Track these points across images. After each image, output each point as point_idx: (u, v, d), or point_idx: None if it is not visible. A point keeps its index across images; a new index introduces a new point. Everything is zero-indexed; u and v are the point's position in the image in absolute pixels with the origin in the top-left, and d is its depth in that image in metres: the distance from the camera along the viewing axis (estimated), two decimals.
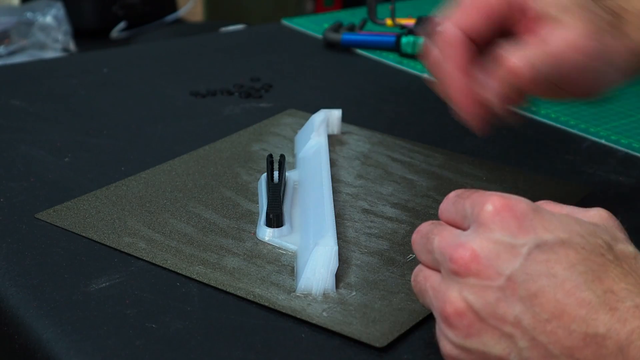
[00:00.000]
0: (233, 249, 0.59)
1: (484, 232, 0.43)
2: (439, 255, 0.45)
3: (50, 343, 0.49)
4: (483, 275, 0.43)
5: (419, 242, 0.48)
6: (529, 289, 0.41)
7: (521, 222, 0.43)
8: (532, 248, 0.42)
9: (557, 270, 0.42)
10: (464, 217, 0.46)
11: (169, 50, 1.07)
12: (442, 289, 0.44)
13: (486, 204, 0.44)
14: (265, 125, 0.80)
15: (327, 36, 1.04)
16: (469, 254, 0.43)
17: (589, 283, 0.41)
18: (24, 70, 0.98)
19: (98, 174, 0.70)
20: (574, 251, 0.42)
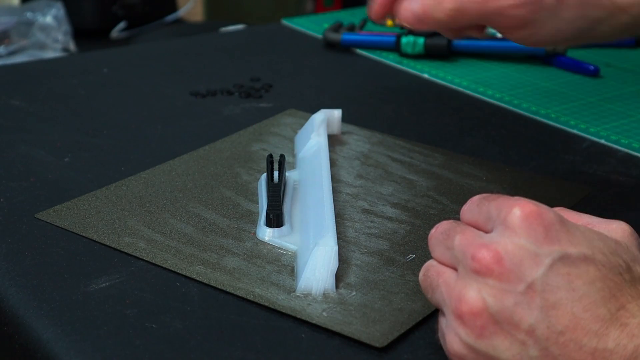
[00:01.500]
0: (233, 249, 0.59)
1: (509, 236, 0.43)
2: (460, 252, 0.45)
3: (50, 343, 0.49)
4: (504, 279, 0.42)
5: (437, 237, 0.47)
6: (548, 299, 0.42)
7: (548, 231, 0.43)
8: (556, 259, 0.42)
9: (577, 284, 0.42)
10: (488, 219, 0.46)
11: (169, 50, 1.07)
12: (458, 286, 0.44)
13: (514, 207, 0.44)
14: (265, 125, 0.80)
15: (327, 36, 1.04)
16: (492, 254, 0.43)
17: (606, 300, 0.42)
18: (24, 70, 0.98)
19: (98, 174, 0.70)
20: (594, 268, 0.42)
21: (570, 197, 0.67)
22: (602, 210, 0.64)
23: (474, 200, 0.48)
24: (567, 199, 0.66)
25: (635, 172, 0.71)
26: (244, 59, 1.02)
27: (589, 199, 0.66)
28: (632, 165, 0.73)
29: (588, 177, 0.70)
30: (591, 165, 0.72)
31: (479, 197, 0.47)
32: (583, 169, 0.72)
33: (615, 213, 0.64)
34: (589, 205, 0.65)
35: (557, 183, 0.69)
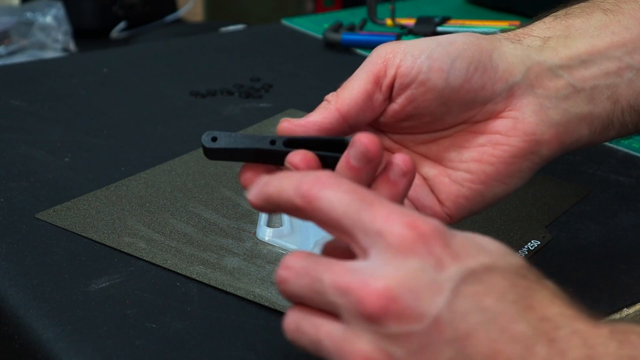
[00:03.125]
0: (233, 249, 0.59)
1: (395, 264, 0.36)
2: (337, 296, 0.37)
3: (50, 343, 0.49)
4: (405, 319, 0.35)
5: (295, 281, 0.38)
6: (458, 329, 0.35)
7: (434, 247, 0.37)
8: (458, 281, 0.36)
9: (487, 303, 0.36)
10: (354, 243, 0.38)
11: (169, 50, 1.07)
12: (347, 340, 0.37)
13: (390, 224, 0.37)
14: (265, 125, 0.80)
15: (327, 36, 1.04)
16: (382, 290, 0.35)
17: (522, 313, 0.36)
18: (24, 70, 0.98)
19: (98, 174, 0.70)
20: (500, 277, 0.37)
21: (570, 197, 0.67)
22: (602, 210, 0.64)
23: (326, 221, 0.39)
24: (566, 199, 0.66)
25: (635, 172, 0.71)
26: (244, 59, 1.02)
27: (589, 199, 0.66)
28: (632, 165, 0.73)
29: (588, 177, 0.70)
30: (591, 165, 0.72)
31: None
32: (583, 169, 0.72)
33: (615, 213, 0.64)
34: (589, 205, 0.65)
35: (557, 183, 0.69)
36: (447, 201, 0.48)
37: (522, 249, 0.59)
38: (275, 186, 0.41)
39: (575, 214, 0.64)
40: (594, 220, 0.63)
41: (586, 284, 0.55)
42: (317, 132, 0.46)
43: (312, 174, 0.40)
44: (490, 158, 0.47)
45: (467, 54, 0.46)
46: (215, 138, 0.46)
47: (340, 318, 0.37)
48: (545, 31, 0.49)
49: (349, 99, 0.46)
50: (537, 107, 0.47)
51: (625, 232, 0.61)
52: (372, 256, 0.37)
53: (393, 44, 0.48)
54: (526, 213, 0.63)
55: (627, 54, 0.48)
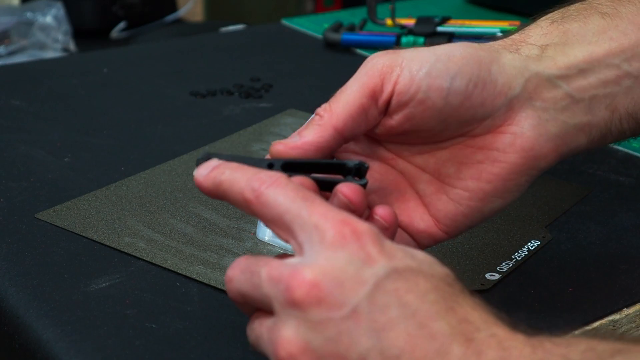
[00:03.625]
0: (233, 249, 0.59)
1: (324, 256, 0.38)
2: (270, 287, 0.39)
3: (50, 343, 0.49)
4: (324, 305, 0.37)
5: (239, 277, 0.41)
6: (377, 321, 0.36)
7: (364, 246, 0.38)
8: (381, 277, 0.37)
9: (409, 299, 0.37)
10: (292, 239, 0.40)
11: (169, 50, 1.07)
12: (275, 329, 0.38)
13: (323, 222, 0.39)
14: (265, 125, 0.80)
15: (327, 36, 1.04)
16: (308, 279, 0.37)
17: (443, 313, 0.37)
18: (24, 70, 0.98)
19: (98, 174, 0.70)
20: (424, 279, 0.38)
21: (570, 197, 0.67)
22: (602, 210, 0.64)
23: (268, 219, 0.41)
24: (567, 199, 0.66)
25: (635, 172, 0.71)
26: (244, 59, 1.02)
27: (589, 199, 0.66)
28: (632, 165, 0.73)
29: (588, 177, 0.70)
30: (591, 165, 0.72)
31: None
32: (583, 169, 0.72)
33: (615, 213, 0.64)
34: (589, 205, 0.65)
35: (557, 183, 0.69)
36: (444, 219, 0.48)
37: (522, 249, 0.59)
38: (229, 176, 0.42)
39: (575, 214, 0.64)
40: (594, 220, 0.63)
41: (586, 284, 0.55)
42: (314, 152, 0.45)
43: (265, 173, 0.42)
44: (489, 176, 0.47)
45: (466, 69, 0.45)
46: (209, 158, 0.45)
47: (274, 312, 0.39)
48: (543, 38, 0.48)
49: (344, 114, 0.45)
50: (536, 121, 0.46)
51: (625, 232, 0.61)
52: (306, 250, 0.39)
53: (390, 56, 0.46)
54: (526, 213, 0.63)
55: (626, 61, 0.48)
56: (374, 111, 0.45)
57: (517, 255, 0.58)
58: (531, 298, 0.53)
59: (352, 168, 0.45)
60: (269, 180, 0.41)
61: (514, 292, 0.54)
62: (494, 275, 0.55)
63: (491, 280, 0.55)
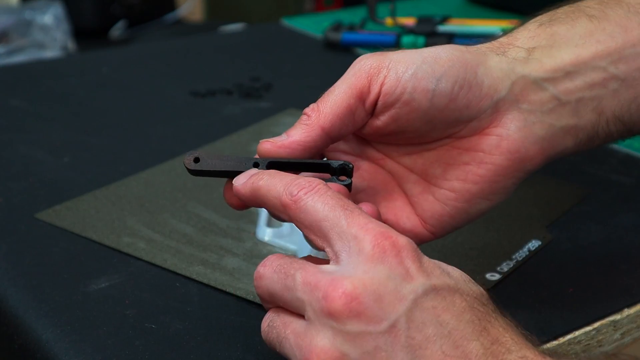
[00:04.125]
0: (233, 249, 0.59)
1: (364, 269, 0.38)
2: (305, 293, 0.39)
3: (50, 343, 0.49)
4: (363, 319, 0.37)
5: (271, 276, 0.41)
6: (414, 338, 0.37)
7: (404, 261, 0.39)
8: (420, 294, 0.38)
9: (445, 318, 0.38)
10: (329, 248, 0.40)
11: (169, 50, 1.07)
12: (307, 336, 0.38)
13: (364, 234, 0.39)
14: (265, 125, 0.80)
15: (327, 36, 1.04)
16: (348, 290, 0.37)
17: (477, 334, 0.38)
18: (24, 70, 0.98)
19: (98, 174, 0.70)
20: (461, 298, 0.39)
21: (570, 197, 0.66)
22: (602, 210, 0.64)
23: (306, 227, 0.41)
24: (567, 199, 0.66)
25: (635, 172, 0.71)
26: (244, 58, 1.02)
27: (589, 199, 0.66)
28: (632, 165, 0.73)
29: (588, 177, 0.70)
30: (591, 165, 0.72)
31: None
32: (583, 169, 0.72)
33: (615, 213, 0.64)
34: (589, 205, 0.65)
35: (557, 183, 0.69)
36: (431, 219, 0.48)
37: (523, 249, 0.58)
38: (267, 181, 0.43)
39: (575, 214, 0.64)
40: (594, 220, 0.63)
41: (586, 284, 0.55)
42: (301, 151, 0.45)
43: (304, 179, 0.42)
44: (475, 177, 0.47)
45: (452, 71, 0.45)
46: (197, 159, 0.45)
47: (305, 317, 0.39)
48: (530, 41, 0.48)
49: (331, 114, 0.45)
50: (522, 123, 0.46)
51: (626, 232, 0.61)
52: (344, 260, 0.39)
53: (377, 57, 0.46)
54: (526, 213, 0.63)
55: (612, 63, 0.47)
56: (361, 112, 0.46)
57: (517, 255, 0.58)
58: (531, 298, 0.53)
59: (337, 168, 0.45)
60: (308, 186, 0.41)
61: (514, 292, 0.54)
62: (494, 276, 0.55)
63: (491, 280, 0.55)
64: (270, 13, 2.27)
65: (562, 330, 0.51)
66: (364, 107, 0.45)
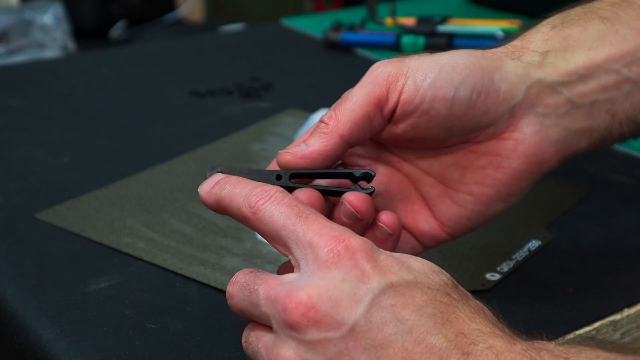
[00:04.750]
0: (233, 249, 0.59)
1: (319, 276, 0.39)
2: (268, 307, 0.39)
3: (50, 343, 0.49)
4: (322, 326, 0.38)
5: (238, 295, 0.42)
6: (374, 339, 0.37)
7: (358, 261, 0.39)
8: (377, 294, 0.38)
9: (405, 314, 0.37)
10: (292, 254, 0.41)
11: (169, 50, 1.07)
12: (275, 348, 0.39)
13: (318, 239, 0.39)
14: (265, 125, 0.80)
15: (327, 36, 1.04)
16: (304, 301, 0.38)
17: (439, 327, 0.37)
18: (24, 70, 0.98)
19: (97, 174, 0.70)
20: (420, 292, 0.38)
21: (570, 197, 0.66)
22: (602, 210, 0.64)
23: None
24: (567, 199, 0.66)
25: (635, 172, 0.71)
26: (244, 58, 1.02)
27: (589, 199, 0.66)
28: (632, 165, 0.73)
29: (588, 177, 0.70)
30: (591, 165, 0.72)
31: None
32: (583, 169, 0.72)
33: (615, 213, 0.64)
34: (589, 205, 0.65)
35: (557, 183, 0.69)
36: (449, 222, 0.48)
37: (523, 249, 0.58)
38: (228, 192, 0.43)
39: (576, 214, 0.64)
40: (594, 220, 0.63)
41: (586, 284, 0.55)
42: (322, 160, 0.45)
43: (261, 187, 0.43)
44: (492, 181, 0.47)
45: (470, 79, 0.45)
46: (220, 173, 0.46)
47: (273, 330, 0.40)
48: (544, 44, 0.48)
49: (350, 122, 0.45)
50: (538, 127, 0.47)
51: (626, 232, 0.61)
52: (302, 268, 0.40)
53: (395, 65, 0.46)
54: (527, 213, 0.63)
55: (625, 66, 0.48)
56: (379, 119, 0.46)
57: (517, 255, 0.58)
58: (531, 298, 0.53)
59: (359, 176, 0.45)
60: (265, 195, 0.42)
61: (514, 292, 0.54)
62: (494, 276, 0.55)
63: (491, 280, 0.55)
64: (270, 13, 2.28)
65: (562, 330, 0.51)
66: (381, 114, 0.46)
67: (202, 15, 2.46)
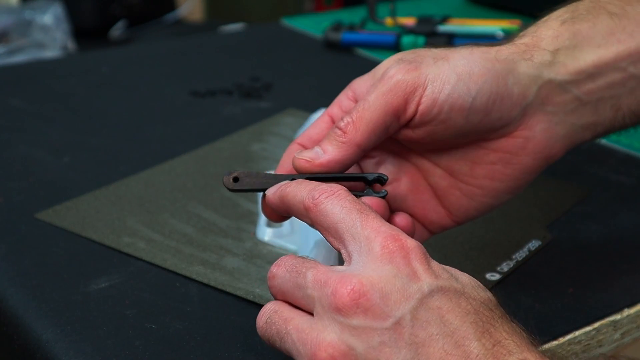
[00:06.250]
0: (233, 249, 0.59)
1: (373, 268, 0.40)
2: (315, 290, 0.40)
3: (50, 343, 0.49)
4: (370, 314, 0.38)
5: (282, 276, 0.42)
6: (417, 336, 0.38)
7: (412, 262, 0.40)
8: (426, 293, 0.39)
9: (449, 318, 0.39)
10: (342, 248, 0.42)
11: (169, 50, 1.07)
12: (315, 331, 0.39)
13: (375, 235, 0.41)
14: (265, 125, 0.80)
15: (327, 36, 1.04)
16: (357, 287, 0.39)
17: (479, 335, 0.38)
18: (24, 70, 0.98)
19: (97, 174, 0.70)
20: (466, 301, 0.40)
21: (570, 197, 0.66)
22: (602, 210, 0.64)
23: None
24: (567, 199, 0.66)
25: (635, 172, 0.71)
26: (244, 58, 1.02)
27: (589, 199, 0.66)
28: (632, 165, 0.73)
29: (588, 177, 0.70)
30: (591, 165, 0.72)
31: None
32: (583, 169, 0.72)
33: (615, 213, 0.64)
34: (589, 205, 0.65)
35: (557, 183, 0.69)
36: (457, 212, 0.50)
37: (523, 249, 0.58)
38: (293, 188, 0.45)
39: (576, 214, 0.64)
40: (594, 220, 0.63)
41: (586, 284, 0.55)
42: (338, 168, 0.46)
43: (326, 185, 0.44)
44: (502, 176, 0.49)
45: (486, 87, 0.46)
46: (236, 178, 0.47)
47: (313, 314, 0.40)
48: (554, 41, 0.49)
49: (368, 132, 0.46)
50: (547, 125, 0.48)
51: (625, 232, 0.61)
52: (354, 260, 0.41)
53: (413, 74, 0.46)
54: (527, 213, 0.63)
55: (632, 64, 0.49)
56: (395, 126, 0.47)
57: (517, 255, 0.58)
58: (531, 298, 0.53)
59: (372, 180, 0.46)
60: (330, 191, 0.43)
61: (514, 292, 0.54)
62: (494, 275, 0.55)
63: (491, 280, 0.55)
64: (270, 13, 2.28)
65: (562, 330, 0.51)
66: (398, 123, 0.47)
67: (202, 15, 2.46)
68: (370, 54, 1.02)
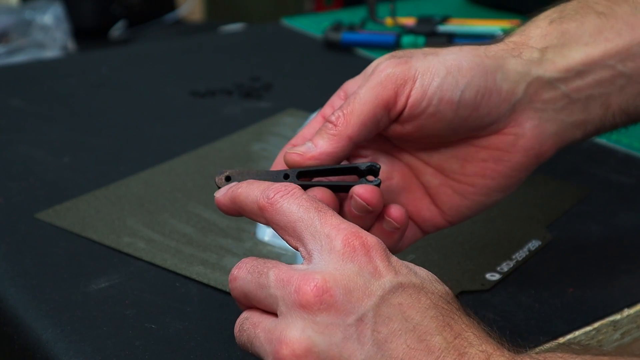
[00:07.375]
0: (233, 249, 0.59)
1: (335, 265, 0.40)
2: (278, 289, 0.40)
3: (50, 343, 0.49)
4: (333, 311, 0.39)
5: (244, 277, 0.42)
6: (380, 332, 0.39)
7: (372, 259, 0.40)
8: (387, 290, 0.40)
9: (410, 314, 0.39)
10: (301, 246, 0.42)
11: (169, 50, 1.07)
12: (277, 330, 0.40)
13: (336, 233, 0.41)
14: (265, 125, 0.80)
15: (327, 36, 1.04)
16: (320, 284, 0.39)
17: (440, 329, 0.39)
18: (24, 70, 0.98)
19: (97, 174, 0.70)
20: (425, 296, 0.40)
21: (570, 197, 0.66)
22: (602, 210, 0.64)
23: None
24: (567, 199, 0.66)
25: (635, 172, 0.71)
26: (244, 58, 1.02)
27: (589, 199, 0.66)
28: (632, 165, 0.73)
29: (588, 177, 0.70)
30: (591, 165, 0.72)
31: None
32: (583, 169, 0.72)
33: (615, 213, 0.64)
34: (589, 205, 0.65)
35: (557, 183, 0.69)
36: (450, 211, 0.50)
37: (523, 249, 0.58)
38: (244, 189, 0.44)
39: (575, 214, 0.64)
40: (594, 220, 0.63)
41: (586, 284, 0.55)
42: (330, 161, 0.46)
43: (280, 183, 0.44)
44: (493, 173, 0.49)
45: (475, 81, 0.46)
46: (229, 177, 0.46)
47: (278, 312, 0.40)
48: (542, 40, 0.49)
49: (358, 124, 0.46)
50: (536, 122, 0.48)
51: (625, 232, 0.61)
52: (315, 258, 0.41)
53: (403, 67, 0.46)
54: (526, 213, 0.63)
55: (620, 62, 0.49)
56: (386, 120, 0.47)
57: (517, 255, 0.58)
58: (531, 298, 0.53)
59: (365, 170, 0.46)
60: (284, 190, 0.43)
61: (514, 292, 0.54)
62: (494, 275, 0.55)
63: (491, 280, 0.55)
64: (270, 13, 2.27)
65: (562, 330, 0.51)
66: (388, 116, 0.47)
67: (202, 15, 2.46)
68: (370, 54, 1.02)
